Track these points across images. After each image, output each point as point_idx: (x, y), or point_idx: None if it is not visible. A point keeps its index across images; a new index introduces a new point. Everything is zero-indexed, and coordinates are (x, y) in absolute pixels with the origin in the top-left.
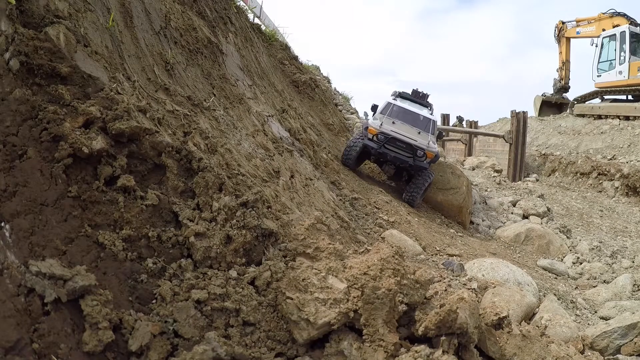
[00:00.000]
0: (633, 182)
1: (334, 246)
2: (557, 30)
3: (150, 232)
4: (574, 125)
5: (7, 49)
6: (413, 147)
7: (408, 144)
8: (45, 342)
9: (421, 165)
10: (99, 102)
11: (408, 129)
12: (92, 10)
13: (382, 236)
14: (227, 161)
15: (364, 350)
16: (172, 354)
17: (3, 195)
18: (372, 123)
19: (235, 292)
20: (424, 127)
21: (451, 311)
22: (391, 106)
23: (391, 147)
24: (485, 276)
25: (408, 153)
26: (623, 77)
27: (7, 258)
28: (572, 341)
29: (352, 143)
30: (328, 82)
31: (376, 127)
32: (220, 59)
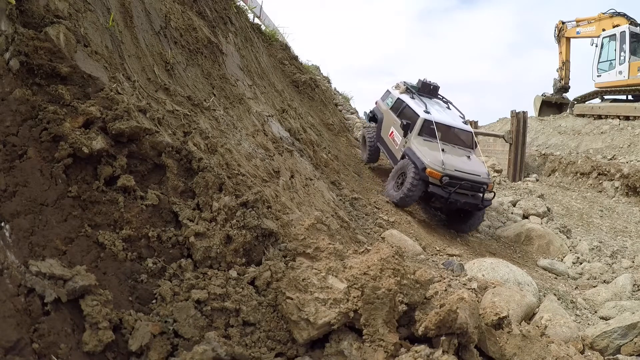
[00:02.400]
0: (633, 182)
1: (334, 246)
2: (557, 30)
3: (150, 232)
4: (574, 125)
5: (7, 49)
6: (479, 184)
7: (474, 183)
8: (45, 342)
9: (488, 204)
10: (99, 102)
11: (459, 155)
12: (92, 10)
13: (382, 236)
14: (227, 161)
15: (364, 350)
16: (172, 354)
17: (3, 195)
18: (429, 161)
19: (235, 292)
20: (469, 145)
21: (451, 311)
22: (426, 123)
23: (459, 190)
24: (485, 276)
25: (476, 193)
26: (623, 77)
27: (7, 258)
28: (572, 341)
29: (411, 186)
30: (328, 82)
31: (438, 167)
32: (220, 59)
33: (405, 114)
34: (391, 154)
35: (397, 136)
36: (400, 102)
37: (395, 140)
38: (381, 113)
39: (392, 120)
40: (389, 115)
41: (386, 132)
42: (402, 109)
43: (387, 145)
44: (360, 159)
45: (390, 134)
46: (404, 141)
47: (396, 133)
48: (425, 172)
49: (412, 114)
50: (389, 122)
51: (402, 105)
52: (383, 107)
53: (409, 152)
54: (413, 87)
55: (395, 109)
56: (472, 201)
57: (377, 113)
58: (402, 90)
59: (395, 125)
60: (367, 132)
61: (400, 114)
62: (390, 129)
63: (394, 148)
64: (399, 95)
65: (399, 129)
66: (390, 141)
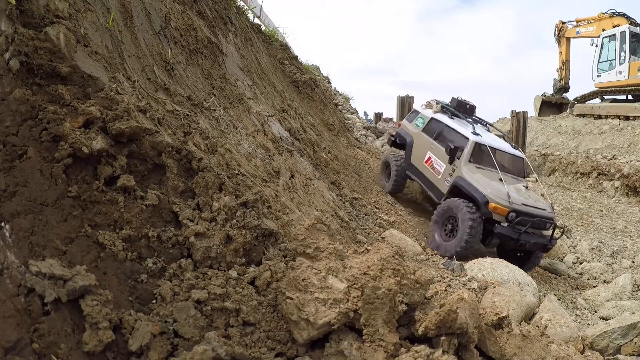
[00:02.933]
0: (633, 182)
1: (334, 246)
2: (557, 30)
3: (150, 232)
4: (574, 125)
5: (7, 49)
6: (547, 220)
7: (542, 219)
8: (45, 342)
9: (555, 243)
10: (99, 102)
11: (517, 186)
12: (92, 10)
13: (382, 236)
14: (227, 161)
15: (364, 350)
16: (172, 354)
17: (3, 195)
18: (490, 192)
19: (235, 292)
20: (522, 174)
21: (451, 311)
22: (477, 147)
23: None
24: (485, 276)
25: (543, 231)
26: (623, 77)
27: (7, 258)
28: (572, 341)
29: (471, 229)
30: (328, 82)
31: (504, 201)
32: (220, 59)
33: (446, 136)
34: (430, 184)
35: (438, 163)
36: (436, 123)
37: (435, 168)
38: (410, 136)
39: (427, 145)
40: (421, 138)
41: (419, 158)
42: (440, 131)
43: (422, 174)
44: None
45: (426, 161)
46: (449, 169)
47: (436, 159)
48: (488, 206)
49: (456, 137)
50: (422, 146)
51: (440, 126)
52: (412, 129)
53: (462, 182)
54: (448, 106)
55: (430, 131)
56: (540, 241)
57: (403, 136)
58: (437, 110)
59: (434, 150)
60: (392, 159)
61: (439, 137)
62: (425, 154)
63: (435, 177)
64: (433, 115)
65: (440, 154)
66: (427, 169)
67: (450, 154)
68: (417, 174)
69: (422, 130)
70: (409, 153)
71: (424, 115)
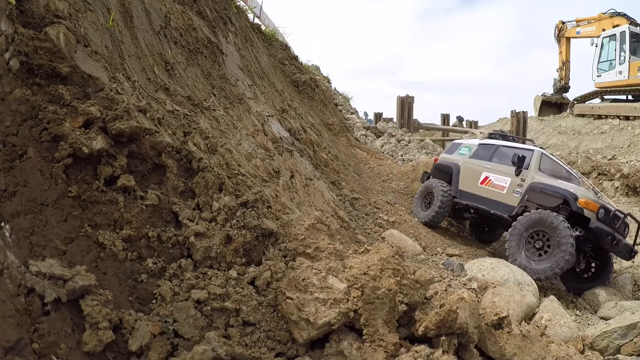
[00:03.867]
0: (633, 182)
1: (334, 246)
2: (557, 30)
3: (150, 232)
4: (574, 125)
5: (7, 49)
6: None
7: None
8: (45, 342)
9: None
10: (99, 102)
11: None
12: (92, 10)
13: (382, 236)
14: (227, 161)
15: (364, 350)
16: (172, 354)
17: (3, 195)
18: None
19: (235, 292)
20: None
21: (451, 311)
22: (544, 158)
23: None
24: (485, 276)
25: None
26: (623, 77)
27: (7, 258)
28: (572, 341)
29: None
30: (328, 82)
31: (593, 197)
32: (220, 59)
33: (503, 154)
34: (491, 202)
35: (500, 179)
36: (486, 147)
37: (497, 185)
38: (455, 165)
39: (480, 168)
40: (471, 164)
41: (471, 182)
42: (493, 152)
43: (478, 196)
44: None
45: (482, 182)
46: (517, 181)
47: (496, 177)
48: (578, 202)
49: (517, 151)
50: (474, 170)
51: (492, 148)
52: (456, 158)
53: (540, 185)
54: (494, 134)
55: (481, 155)
56: (630, 245)
57: (446, 167)
58: (485, 136)
59: (491, 169)
60: (439, 187)
61: (494, 158)
62: (479, 176)
63: (498, 193)
64: (481, 141)
65: (500, 170)
66: (484, 189)
67: (518, 163)
68: (470, 198)
69: (470, 157)
70: (456, 181)
71: (468, 144)
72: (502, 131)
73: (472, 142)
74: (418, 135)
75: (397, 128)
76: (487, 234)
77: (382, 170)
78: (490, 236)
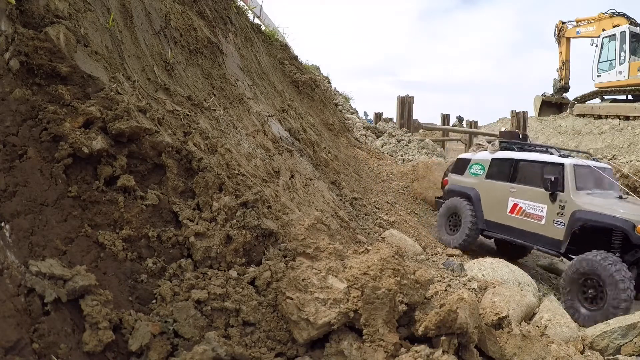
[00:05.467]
0: (633, 182)
1: (334, 246)
2: (557, 30)
3: (150, 232)
4: (574, 125)
5: (7, 49)
6: None
7: None
8: (45, 342)
9: None
10: (99, 102)
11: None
12: (92, 10)
13: (382, 236)
14: (227, 161)
15: (364, 350)
16: (172, 354)
17: (3, 195)
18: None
19: (235, 292)
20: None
21: (451, 311)
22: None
23: None
24: (485, 276)
25: None
26: (623, 77)
27: (7, 258)
28: (572, 341)
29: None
30: (328, 82)
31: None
32: (220, 59)
33: (528, 172)
34: (530, 235)
35: (533, 207)
36: (502, 163)
37: (532, 214)
38: (472, 190)
39: (503, 192)
40: (491, 187)
41: (499, 210)
42: (514, 169)
43: (511, 228)
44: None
45: (512, 211)
46: (555, 208)
47: (527, 204)
48: (636, 230)
49: (542, 169)
50: (496, 196)
51: (511, 164)
52: (470, 181)
53: (585, 215)
54: (505, 141)
55: (499, 174)
56: None
57: (461, 192)
58: (495, 149)
59: (518, 193)
60: (467, 210)
61: (517, 177)
62: (506, 203)
63: (536, 225)
64: (493, 156)
65: (531, 195)
66: (517, 220)
67: (551, 187)
68: (502, 230)
69: (487, 178)
70: (479, 210)
71: (479, 160)
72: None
73: (482, 158)
74: (418, 135)
75: (397, 128)
76: (514, 249)
77: (382, 170)
78: (519, 251)
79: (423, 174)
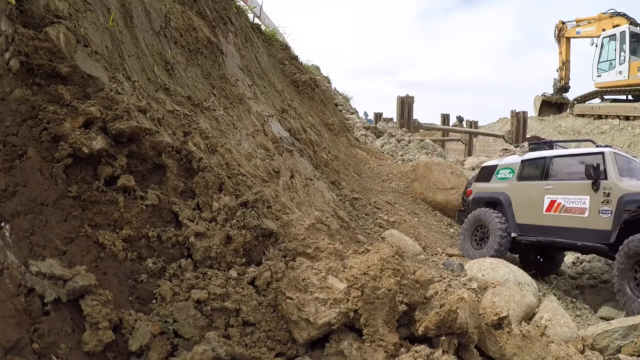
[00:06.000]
0: None
1: (334, 246)
2: (557, 30)
3: (150, 232)
4: (574, 125)
5: (7, 49)
6: None
7: None
8: (45, 342)
9: None
10: (99, 102)
11: None
12: (92, 10)
13: (382, 236)
14: (227, 161)
15: (364, 350)
16: (172, 354)
17: (3, 195)
18: None
19: (235, 292)
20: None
21: (451, 311)
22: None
23: None
24: (485, 276)
25: None
26: (623, 77)
27: (7, 258)
28: (572, 341)
29: None
30: (328, 82)
31: None
32: (220, 59)
33: (564, 166)
34: (571, 231)
35: (575, 200)
36: (536, 163)
37: (573, 208)
38: (502, 195)
39: (538, 191)
40: (523, 189)
41: (534, 210)
42: (548, 167)
43: (552, 227)
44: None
45: (550, 208)
46: (599, 197)
47: (567, 198)
48: None
49: (580, 160)
50: (531, 196)
51: (545, 162)
52: (499, 186)
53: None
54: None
55: (532, 175)
56: None
57: (488, 200)
58: (525, 151)
59: (556, 189)
60: (495, 220)
61: (553, 174)
62: (542, 202)
63: (580, 219)
64: (523, 158)
65: (571, 189)
66: (558, 217)
67: (595, 175)
68: (538, 232)
69: (518, 180)
70: (510, 214)
71: (507, 164)
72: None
73: (511, 161)
74: (418, 135)
75: (397, 128)
76: (541, 264)
77: (382, 170)
78: (546, 267)
79: (423, 174)
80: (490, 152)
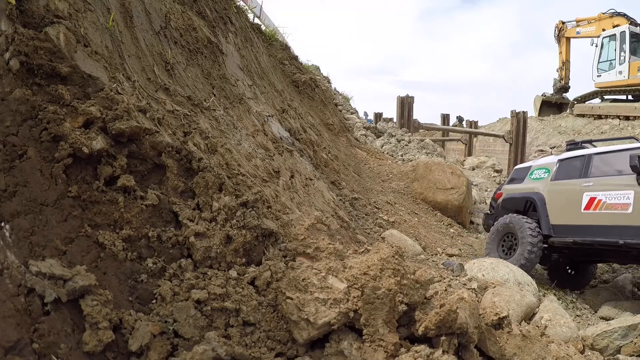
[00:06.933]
0: None
1: (334, 246)
2: (557, 30)
3: (150, 232)
4: (574, 125)
5: (7, 49)
6: None
7: None
8: (45, 342)
9: None
10: (99, 102)
11: None
12: (92, 10)
13: (382, 236)
14: (227, 161)
15: (364, 350)
16: (172, 354)
17: (3, 195)
18: None
19: (235, 292)
20: None
21: (451, 311)
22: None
23: None
24: (485, 276)
25: None
26: (623, 77)
27: (7, 258)
28: (572, 341)
29: None
30: (328, 82)
31: None
32: (220, 59)
33: (604, 163)
34: (617, 230)
35: (618, 195)
36: (574, 162)
37: (615, 205)
38: (537, 195)
39: (577, 189)
40: (560, 187)
41: (572, 209)
42: (587, 165)
43: (590, 226)
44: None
45: (589, 206)
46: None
47: (608, 194)
48: None
49: (620, 155)
50: (570, 194)
51: (585, 160)
52: (533, 186)
53: None
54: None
55: (570, 173)
56: None
57: (520, 201)
58: (562, 150)
59: (596, 186)
60: (525, 226)
61: (592, 172)
62: (581, 201)
63: (623, 215)
64: (560, 157)
65: (612, 184)
66: (599, 215)
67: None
68: (575, 232)
69: (554, 180)
70: (544, 215)
71: (543, 164)
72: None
73: (548, 161)
74: (418, 135)
75: (397, 128)
76: (572, 278)
77: (382, 170)
78: (577, 280)
79: (423, 174)
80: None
